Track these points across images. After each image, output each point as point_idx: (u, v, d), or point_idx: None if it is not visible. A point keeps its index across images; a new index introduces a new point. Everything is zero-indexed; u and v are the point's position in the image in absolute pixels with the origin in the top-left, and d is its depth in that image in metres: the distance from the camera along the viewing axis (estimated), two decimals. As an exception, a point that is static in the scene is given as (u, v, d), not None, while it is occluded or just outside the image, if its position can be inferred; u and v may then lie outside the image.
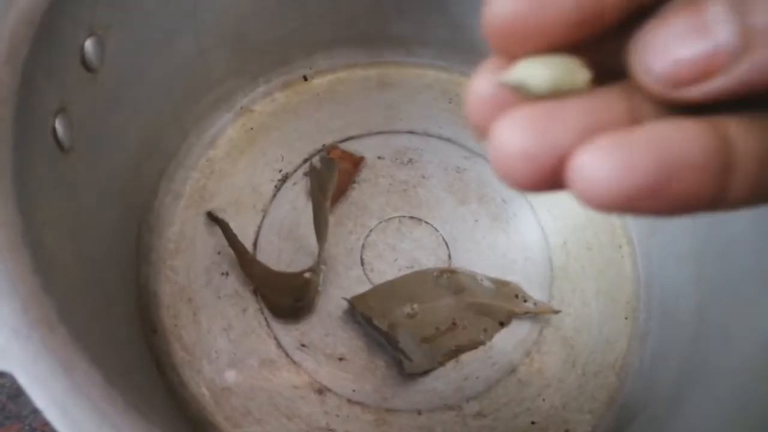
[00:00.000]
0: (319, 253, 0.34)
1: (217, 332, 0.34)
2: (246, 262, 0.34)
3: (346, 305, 0.34)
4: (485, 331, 0.34)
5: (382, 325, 0.32)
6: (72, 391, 0.17)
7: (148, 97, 0.33)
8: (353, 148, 0.39)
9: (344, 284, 0.35)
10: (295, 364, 0.33)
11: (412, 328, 0.33)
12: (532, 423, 0.33)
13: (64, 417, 0.16)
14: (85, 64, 0.26)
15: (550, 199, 0.39)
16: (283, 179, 0.38)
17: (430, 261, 0.36)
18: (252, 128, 0.39)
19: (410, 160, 0.39)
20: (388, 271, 0.36)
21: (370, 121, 0.40)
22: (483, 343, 0.34)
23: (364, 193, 0.38)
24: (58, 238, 0.23)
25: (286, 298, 0.33)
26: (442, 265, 0.36)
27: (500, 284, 0.35)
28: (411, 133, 0.40)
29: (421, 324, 0.33)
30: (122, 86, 0.30)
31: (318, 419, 0.32)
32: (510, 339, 0.34)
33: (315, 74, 0.41)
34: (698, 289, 0.32)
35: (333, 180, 0.34)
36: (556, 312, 0.35)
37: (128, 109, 0.31)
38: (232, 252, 0.35)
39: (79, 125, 0.26)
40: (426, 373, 0.33)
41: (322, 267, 0.34)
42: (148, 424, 0.18)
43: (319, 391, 0.33)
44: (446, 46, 0.41)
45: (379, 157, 0.39)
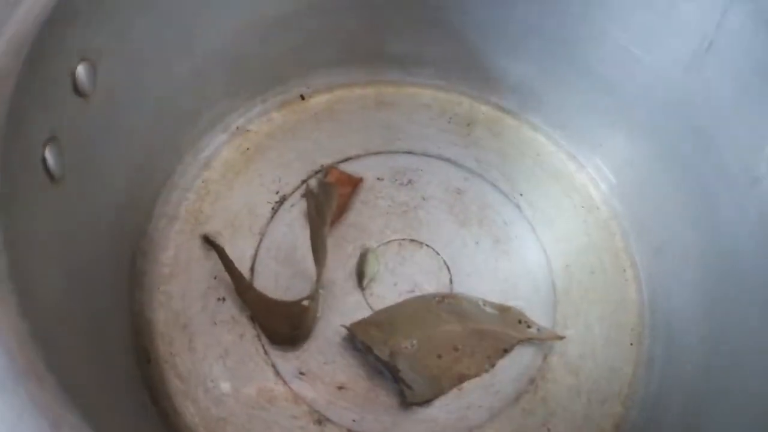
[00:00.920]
0: (317, 279, 0.33)
1: (213, 359, 0.33)
2: (242, 289, 0.33)
3: (345, 331, 0.33)
4: (488, 358, 0.33)
5: (382, 354, 0.32)
6: (60, 446, 0.16)
7: (142, 120, 0.32)
8: (352, 169, 0.38)
9: (343, 309, 0.34)
10: (294, 392, 0.32)
11: (413, 356, 0.32)
12: (537, 453, 0.32)
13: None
14: (77, 89, 0.26)
15: (552, 221, 0.38)
16: (281, 201, 0.37)
17: (431, 285, 0.35)
18: (248, 149, 0.39)
19: (410, 181, 0.39)
20: (388, 296, 0.35)
21: (368, 140, 0.40)
22: (486, 370, 0.33)
23: (363, 215, 0.37)
24: (48, 272, 0.23)
25: (284, 325, 0.32)
26: (444, 290, 0.35)
27: (503, 310, 0.34)
28: (410, 153, 0.40)
29: (422, 352, 0.33)
30: (115, 111, 0.29)
31: (317, 450, 0.31)
32: (513, 366, 0.34)
33: (312, 93, 0.41)
34: (705, 315, 0.32)
35: (331, 205, 0.33)
36: (561, 338, 0.34)
37: (122, 134, 0.30)
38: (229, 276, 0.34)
39: (71, 153, 0.25)
40: (428, 402, 0.32)
41: (321, 292, 0.34)
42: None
43: (319, 422, 0.32)
44: (444, 65, 0.40)
45: (378, 178, 0.38)
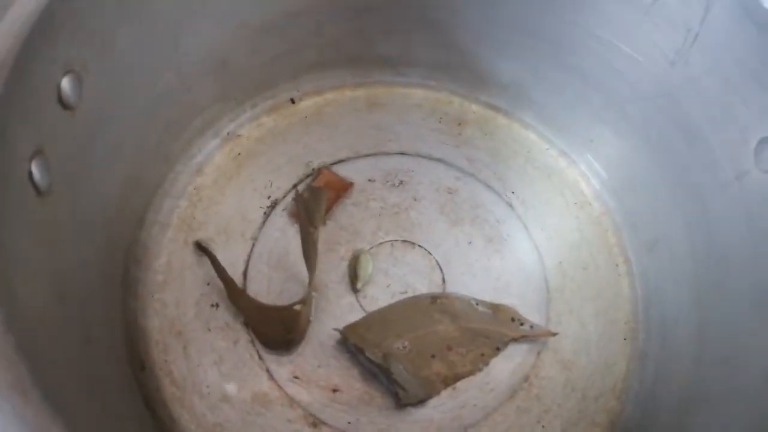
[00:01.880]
0: (310, 283, 0.33)
1: (208, 366, 0.33)
2: (235, 295, 0.33)
3: (338, 335, 0.33)
4: (482, 356, 0.33)
5: (375, 357, 0.32)
6: (47, 460, 0.16)
7: (130, 129, 0.32)
8: (343, 171, 0.38)
9: (336, 312, 0.35)
10: (289, 396, 0.33)
11: (406, 357, 0.32)
12: (532, 451, 0.32)
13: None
14: (62, 102, 0.26)
15: (544, 219, 0.38)
16: (272, 205, 0.37)
17: (424, 285, 0.35)
18: (239, 154, 0.39)
19: (401, 182, 0.39)
20: (381, 297, 0.35)
21: (359, 143, 0.40)
22: (480, 369, 0.33)
23: (355, 218, 0.37)
24: (36, 286, 0.23)
25: (277, 330, 0.33)
26: (437, 289, 0.35)
27: (495, 308, 0.34)
28: (401, 154, 0.40)
29: (415, 353, 0.33)
30: (103, 121, 0.29)
31: (313, 453, 0.31)
32: (507, 364, 0.34)
33: (302, 96, 0.41)
34: (697, 309, 0.32)
35: (321, 209, 0.33)
36: (554, 334, 0.34)
37: (110, 144, 0.30)
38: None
39: (58, 166, 0.25)
40: (422, 402, 0.32)
41: (313, 295, 0.34)
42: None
43: (314, 425, 0.32)
44: (434, 65, 0.40)
45: (370, 180, 0.39)
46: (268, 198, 0.38)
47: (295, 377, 0.33)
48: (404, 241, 0.37)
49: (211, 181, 0.38)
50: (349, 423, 0.32)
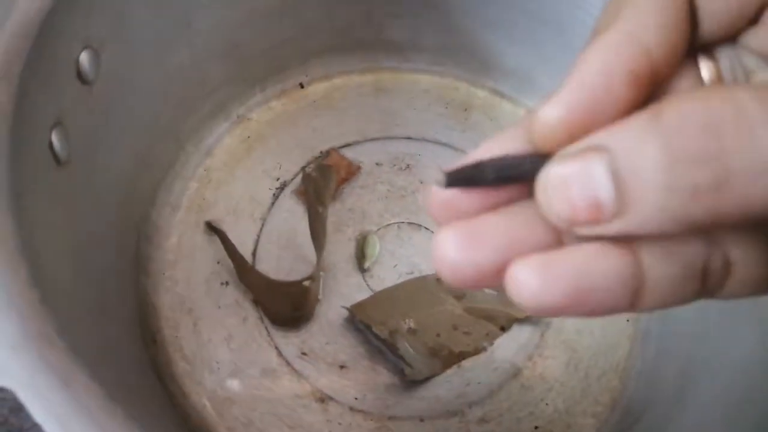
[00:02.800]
0: (318, 261, 0.33)
1: (218, 342, 0.34)
2: (244, 272, 0.34)
3: (346, 313, 0.34)
4: (486, 336, 0.34)
5: (382, 333, 0.32)
6: (71, 405, 0.17)
7: (143, 107, 0.33)
8: (351, 155, 0.39)
9: (344, 291, 0.35)
10: (297, 372, 0.33)
11: (413, 335, 0.33)
12: (536, 428, 0.32)
13: (64, 431, 0.16)
14: (81, 76, 0.26)
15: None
16: (281, 187, 0.38)
17: (429, 266, 0.36)
18: (249, 137, 0.39)
19: (408, 166, 0.39)
20: (387, 277, 0.36)
21: (366, 127, 0.40)
22: (485, 348, 0.34)
23: (363, 200, 0.38)
24: (56, 252, 0.23)
25: (285, 306, 0.33)
26: (442, 271, 0.36)
27: (501, 289, 0.35)
28: (408, 138, 0.40)
29: (421, 331, 0.33)
30: (117, 98, 0.30)
31: (320, 428, 0.32)
32: (511, 344, 0.34)
33: (311, 81, 0.41)
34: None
35: (330, 188, 0.34)
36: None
37: (124, 121, 0.31)
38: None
39: (75, 138, 0.26)
40: (427, 379, 0.33)
41: (321, 274, 0.34)
42: (149, 437, 0.18)
43: (321, 400, 0.33)
44: (442, 51, 0.41)
45: (377, 164, 0.39)
46: (277, 180, 0.38)
47: (303, 354, 0.34)
48: (411, 223, 0.37)
49: (221, 162, 0.39)
50: (356, 399, 0.33)
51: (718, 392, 0.27)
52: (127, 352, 0.30)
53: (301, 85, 0.41)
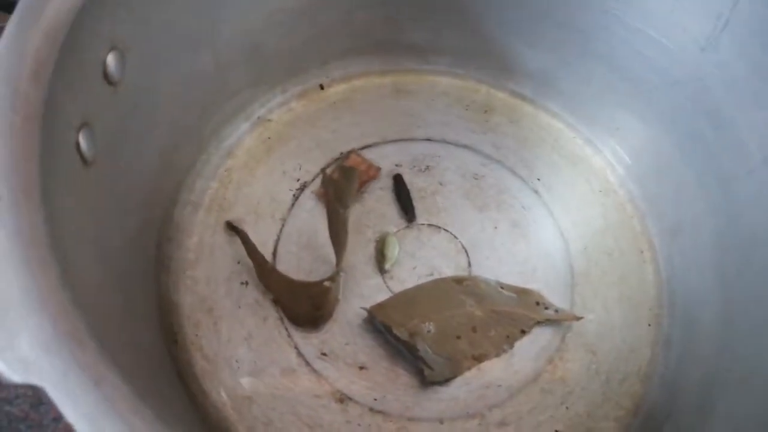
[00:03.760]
0: (338, 262, 0.34)
1: (238, 341, 0.34)
2: (264, 272, 0.34)
3: (365, 314, 0.34)
4: (507, 338, 0.34)
5: (402, 335, 0.32)
6: (102, 405, 0.17)
7: (166, 108, 0.33)
8: (371, 156, 0.39)
9: (363, 292, 0.35)
10: (316, 372, 0.33)
11: (433, 337, 0.33)
12: (556, 431, 0.32)
13: (94, 431, 0.16)
14: (107, 77, 0.27)
15: (569, 205, 0.38)
16: (301, 188, 0.38)
17: (449, 269, 0.36)
18: (269, 138, 0.40)
19: (427, 167, 0.39)
20: (407, 279, 0.36)
21: (386, 128, 0.40)
22: (505, 351, 0.34)
23: (383, 201, 0.38)
24: (83, 252, 0.24)
25: (306, 307, 0.33)
26: (462, 273, 0.36)
27: (521, 292, 0.35)
28: (428, 140, 0.40)
29: (441, 333, 0.33)
30: (142, 99, 0.30)
31: (339, 428, 0.32)
32: (532, 347, 0.34)
33: (331, 83, 0.41)
34: (722, 294, 0.32)
35: (352, 189, 0.34)
36: (578, 319, 0.35)
37: (147, 121, 0.31)
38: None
39: (101, 138, 0.26)
40: (447, 381, 0.33)
41: (341, 275, 0.34)
42: (176, 437, 0.18)
43: (341, 400, 0.33)
44: (461, 54, 0.41)
45: (397, 165, 0.39)
46: (297, 180, 0.38)
47: (323, 354, 0.34)
48: (430, 225, 0.37)
49: (242, 163, 0.39)
50: (375, 399, 0.33)
51: (744, 403, 0.26)
52: (150, 351, 0.31)
53: (321, 87, 0.41)
